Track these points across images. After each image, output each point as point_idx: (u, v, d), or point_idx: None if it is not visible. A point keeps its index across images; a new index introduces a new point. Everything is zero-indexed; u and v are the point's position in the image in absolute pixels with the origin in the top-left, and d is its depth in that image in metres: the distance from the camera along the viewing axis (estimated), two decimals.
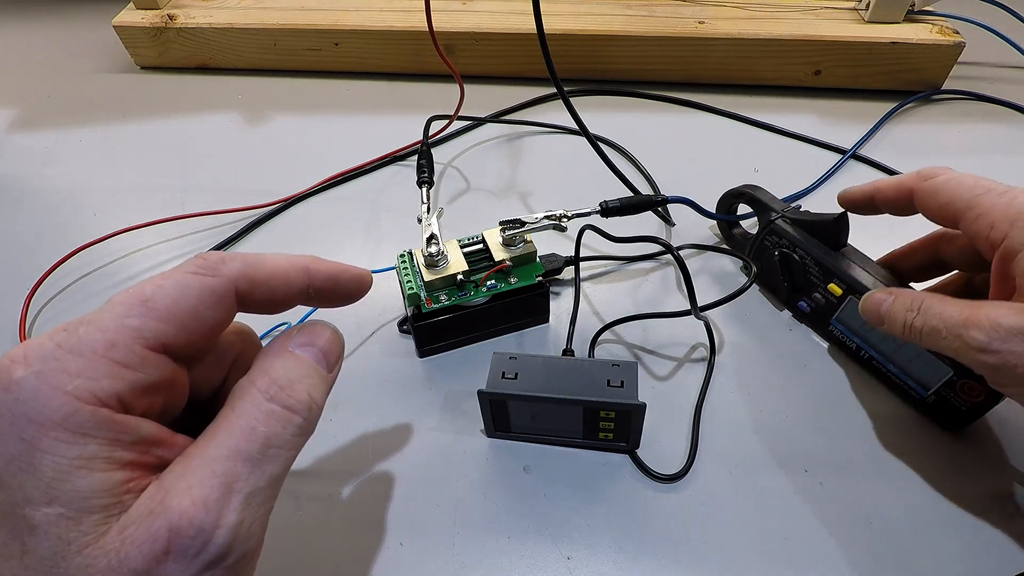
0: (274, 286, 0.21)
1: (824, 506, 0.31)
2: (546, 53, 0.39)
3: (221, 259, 0.20)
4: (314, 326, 0.22)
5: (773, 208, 0.38)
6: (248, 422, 0.19)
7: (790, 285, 0.37)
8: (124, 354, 0.17)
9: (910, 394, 0.34)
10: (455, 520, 0.31)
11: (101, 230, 0.44)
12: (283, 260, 0.21)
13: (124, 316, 0.18)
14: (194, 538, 0.17)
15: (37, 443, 0.16)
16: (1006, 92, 0.56)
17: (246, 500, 0.18)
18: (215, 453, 0.18)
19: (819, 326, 0.37)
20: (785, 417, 0.34)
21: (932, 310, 0.27)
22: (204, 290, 0.19)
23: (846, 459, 0.32)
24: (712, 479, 0.32)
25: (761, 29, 0.54)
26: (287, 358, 0.21)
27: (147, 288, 0.18)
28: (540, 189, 0.49)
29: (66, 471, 0.16)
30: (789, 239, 0.37)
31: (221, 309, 0.19)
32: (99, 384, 0.17)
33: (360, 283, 0.23)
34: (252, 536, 0.18)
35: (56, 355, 0.17)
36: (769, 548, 0.29)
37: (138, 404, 0.18)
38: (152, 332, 0.18)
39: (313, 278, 0.22)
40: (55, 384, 0.16)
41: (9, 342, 0.39)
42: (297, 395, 0.20)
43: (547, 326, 0.39)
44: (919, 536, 0.30)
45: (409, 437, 0.34)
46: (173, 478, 0.17)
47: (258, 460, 0.18)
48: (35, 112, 0.58)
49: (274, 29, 0.58)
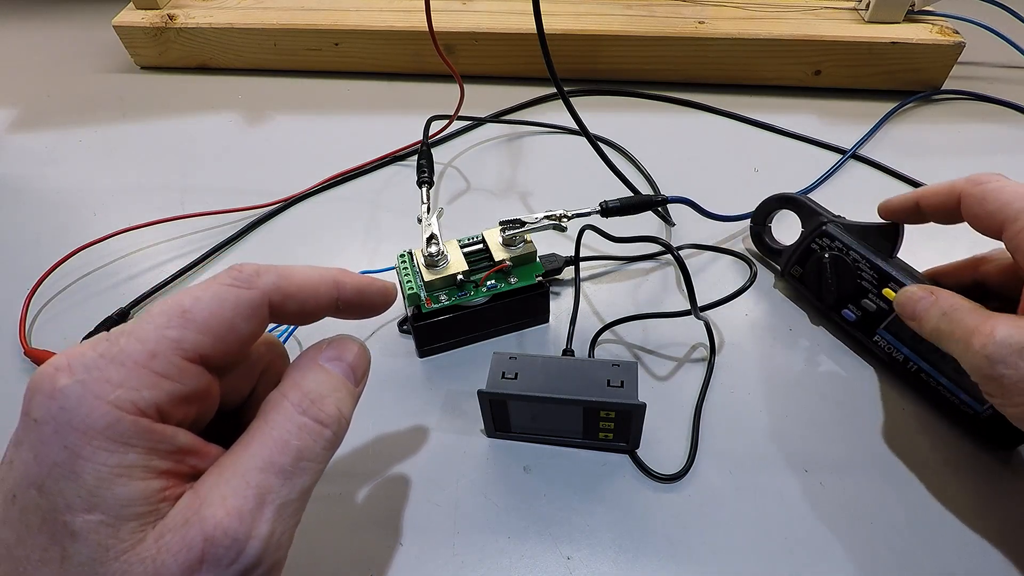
0: (305, 298, 0.21)
1: (824, 506, 0.31)
2: (546, 53, 0.39)
3: (256, 271, 0.20)
4: (343, 340, 0.22)
5: (821, 213, 0.37)
6: (281, 435, 0.19)
7: (838, 291, 0.36)
8: (163, 365, 0.18)
9: (961, 410, 0.32)
10: (455, 520, 0.31)
11: (101, 230, 0.44)
12: (314, 273, 0.21)
13: (164, 327, 0.18)
14: (228, 548, 0.17)
15: (80, 451, 0.16)
16: (1006, 92, 0.56)
17: (278, 511, 0.18)
18: (249, 464, 0.18)
19: (864, 335, 0.36)
20: (785, 417, 0.34)
21: (956, 315, 0.27)
22: (240, 302, 0.19)
23: (846, 459, 0.32)
24: (712, 479, 0.32)
25: (761, 29, 0.54)
26: (318, 372, 0.21)
27: (185, 300, 0.19)
28: (540, 189, 0.49)
29: (107, 479, 0.16)
30: (843, 243, 0.36)
31: (256, 321, 0.20)
32: (140, 394, 0.17)
33: (385, 296, 0.24)
34: (281, 547, 0.19)
35: (99, 365, 0.17)
36: (769, 548, 0.29)
37: (175, 414, 0.18)
38: (190, 343, 0.18)
39: (342, 291, 0.22)
40: (98, 393, 0.17)
41: (9, 342, 0.39)
42: (328, 409, 0.20)
43: (547, 326, 0.39)
44: (919, 536, 0.30)
45: (409, 437, 0.34)
46: (208, 488, 0.18)
47: (290, 472, 0.19)
48: (35, 112, 0.58)
49: (274, 29, 0.58)
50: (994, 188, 0.28)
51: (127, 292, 0.42)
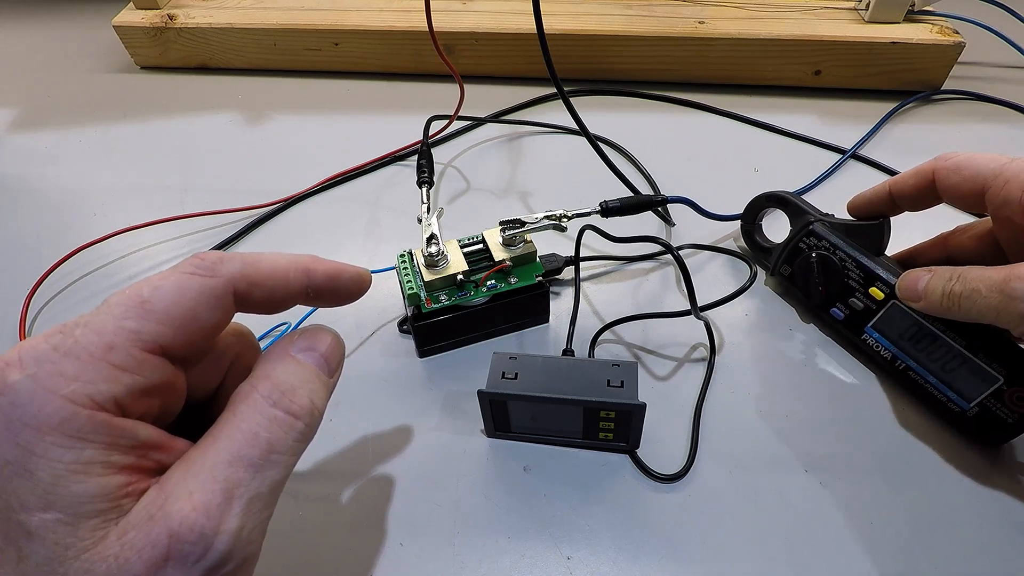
0: (273, 286, 0.20)
1: (824, 506, 0.31)
2: (546, 53, 0.39)
3: (219, 259, 0.20)
4: (316, 331, 0.22)
5: (809, 212, 0.37)
6: (251, 427, 0.18)
7: (825, 290, 0.36)
8: (122, 357, 0.17)
9: (948, 407, 0.33)
10: (455, 520, 0.31)
11: (101, 230, 0.44)
12: (282, 259, 0.21)
13: (121, 318, 0.17)
14: (195, 544, 0.17)
15: (33, 448, 0.16)
16: (1006, 92, 0.56)
17: (247, 506, 0.18)
18: (217, 458, 0.18)
19: (852, 334, 0.36)
20: (785, 417, 0.34)
21: (971, 274, 0.28)
22: (202, 291, 0.19)
23: (846, 459, 0.32)
24: (712, 479, 0.32)
25: (761, 29, 0.54)
26: (289, 363, 0.20)
27: (144, 289, 0.18)
28: (540, 189, 0.49)
29: (63, 476, 0.16)
30: (829, 242, 0.36)
31: (219, 310, 0.19)
32: (96, 388, 0.16)
33: (359, 282, 0.23)
34: (252, 542, 0.18)
35: (52, 358, 0.16)
36: (769, 548, 0.29)
37: (136, 407, 0.17)
38: (150, 334, 0.18)
39: (312, 278, 0.21)
40: (51, 388, 0.16)
41: (9, 342, 0.39)
42: (300, 400, 0.20)
43: (547, 326, 0.39)
44: (919, 537, 0.30)
45: (409, 437, 0.34)
46: (174, 483, 0.17)
47: (260, 466, 0.18)
48: (35, 112, 0.58)
49: (274, 29, 0.58)
50: (965, 157, 0.30)
51: None
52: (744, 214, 0.42)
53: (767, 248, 0.41)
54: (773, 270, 0.40)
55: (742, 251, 0.43)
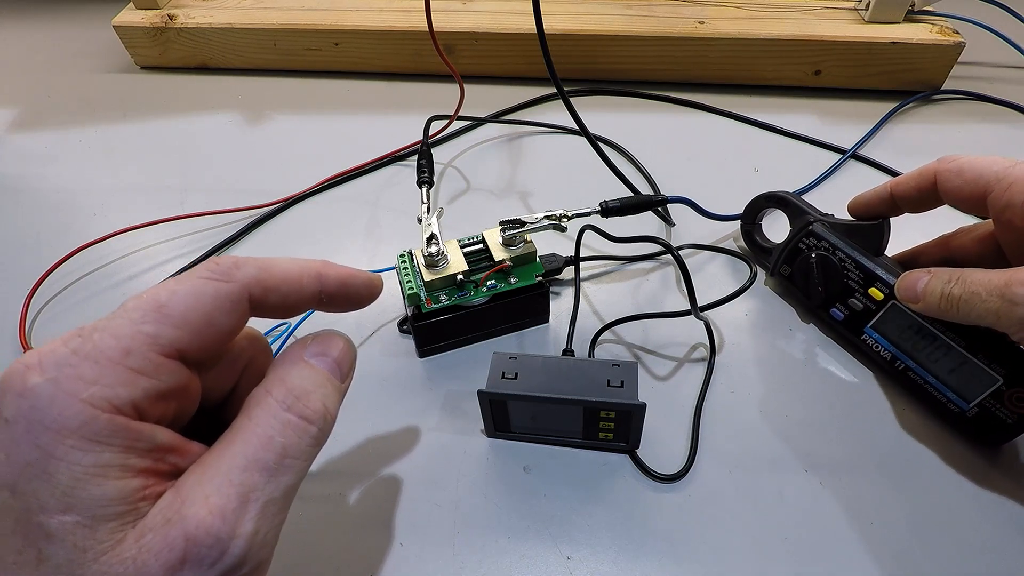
0: (287, 291, 0.21)
1: (824, 506, 0.31)
2: (546, 53, 0.39)
3: (235, 264, 0.20)
4: (328, 336, 0.22)
5: (809, 212, 0.37)
6: (265, 431, 0.19)
7: (825, 290, 0.36)
8: (139, 361, 0.17)
9: (947, 407, 0.32)
10: (455, 520, 0.31)
11: (101, 230, 0.44)
12: (295, 265, 0.21)
13: (139, 322, 0.18)
14: (211, 547, 0.17)
15: (53, 451, 0.16)
16: (1006, 92, 0.56)
17: (262, 510, 0.18)
18: (232, 462, 0.18)
19: (852, 335, 0.36)
20: (785, 417, 0.34)
21: (972, 277, 0.28)
22: (219, 296, 0.19)
23: (846, 459, 0.32)
24: (712, 479, 0.32)
25: (761, 29, 0.54)
26: (303, 367, 0.21)
27: (162, 294, 0.18)
28: (540, 189, 0.49)
29: (82, 479, 0.16)
30: (829, 242, 0.36)
31: (235, 315, 0.19)
32: (114, 391, 0.17)
33: (371, 288, 0.23)
34: (266, 546, 0.18)
35: (71, 361, 0.17)
36: (769, 548, 0.29)
37: (152, 411, 0.18)
38: (167, 338, 0.18)
39: (325, 283, 0.22)
40: (71, 391, 0.16)
41: (9, 342, 0.39)
42: (313, 405, 0.20)
43: (547, 326, 0.39)
44: (919, 537, 0.30)
45: (409, 437, 0.34)
46: (190, 486, 0.17)
47: (274, 470, 0.18)
48: (35, 112, 0.58)
49: (274, 29, 0.58)
50: (968, 160, 0.30)
51: (127, 292, 0.42)
52: (744, 214, 0.42)
53: (767, 248, 0.41)
54: (773, 270, 0.40)
55: (742, 251, 0.43)
